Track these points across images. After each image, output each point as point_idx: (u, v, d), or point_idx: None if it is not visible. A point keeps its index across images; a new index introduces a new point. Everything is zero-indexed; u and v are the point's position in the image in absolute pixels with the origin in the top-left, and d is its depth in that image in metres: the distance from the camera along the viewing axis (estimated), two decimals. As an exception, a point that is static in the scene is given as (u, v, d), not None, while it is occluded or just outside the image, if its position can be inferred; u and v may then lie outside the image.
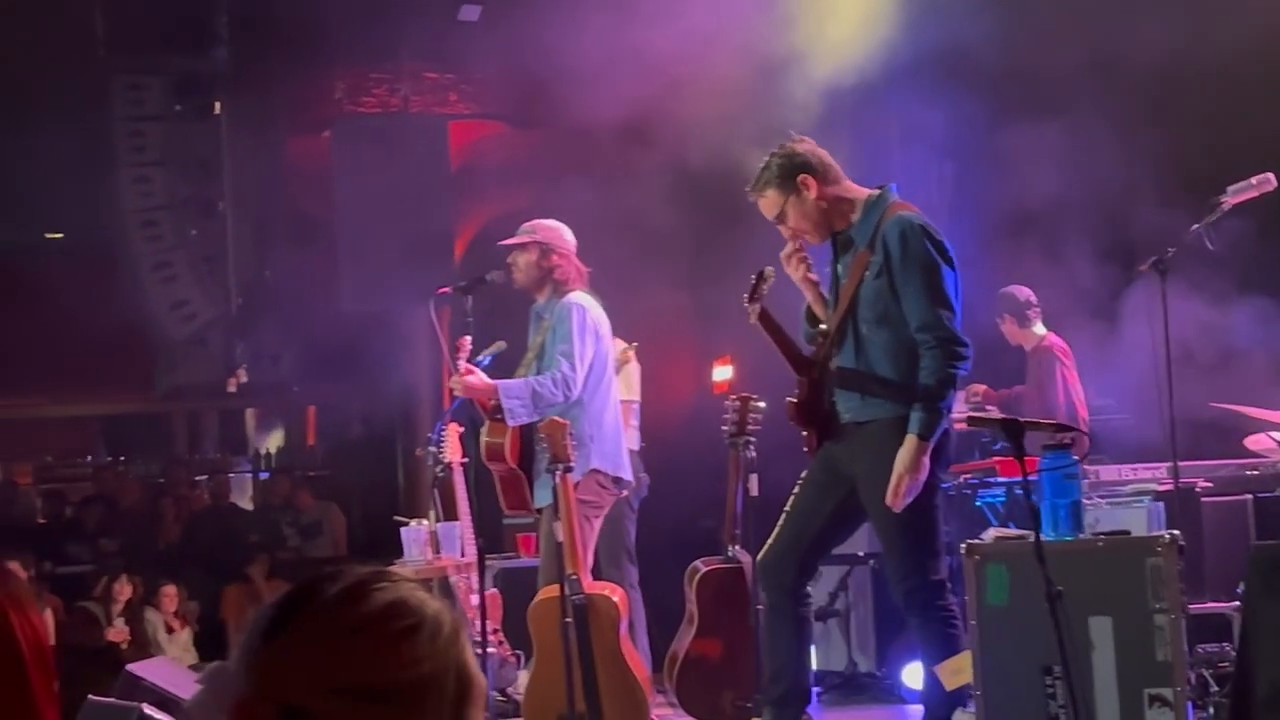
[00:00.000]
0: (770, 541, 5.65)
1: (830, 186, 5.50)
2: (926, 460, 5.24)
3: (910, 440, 5.22)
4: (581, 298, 6.89)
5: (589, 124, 9.10)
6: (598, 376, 6.86)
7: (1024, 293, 8.61)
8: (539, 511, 6.86)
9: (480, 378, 6.77)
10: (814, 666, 6.33)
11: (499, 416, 6.73)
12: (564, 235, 6.96)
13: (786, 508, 5.65)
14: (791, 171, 5.46)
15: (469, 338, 6.91)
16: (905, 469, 5.22)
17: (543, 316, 6.97)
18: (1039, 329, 8.68)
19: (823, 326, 5.55)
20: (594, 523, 6.80)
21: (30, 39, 9.87)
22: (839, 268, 5.56)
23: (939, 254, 5.33)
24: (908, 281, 5.32)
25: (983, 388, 8.58)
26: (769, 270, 5.51)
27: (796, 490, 5.65)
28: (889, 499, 5.24)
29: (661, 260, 9.68)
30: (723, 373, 11.62)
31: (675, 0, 8.86)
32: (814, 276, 5.60)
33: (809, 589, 5.75)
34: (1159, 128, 8.52)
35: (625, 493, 7.14)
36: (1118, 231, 8.62)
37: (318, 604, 1.53)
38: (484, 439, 6.84)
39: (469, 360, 6.91)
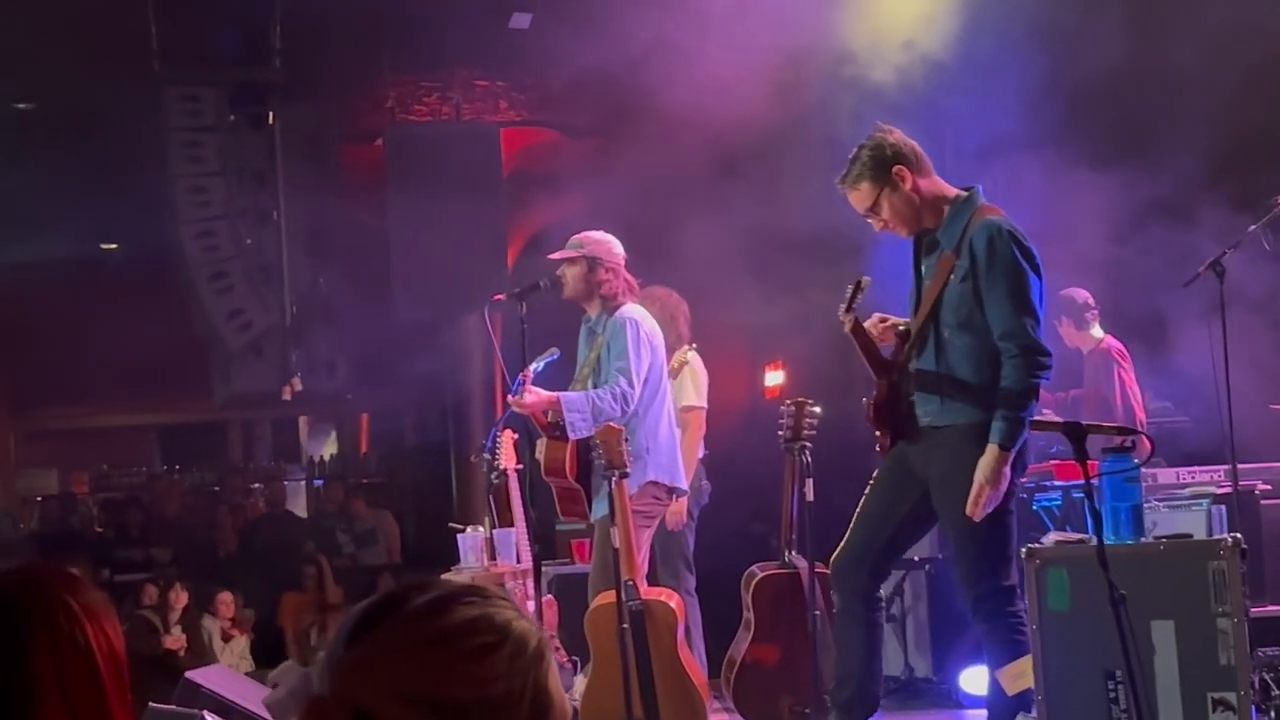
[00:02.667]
0: (843, 544, 5.60)
1: (923, 179, 5.41)
2: (1007, 470, 5.19)
3: (992, 450, 5.17)
4: (634, 310, 6.89)
5: (639, 130, 9.12)
6: (653, 389, 6.86)
7: (1081, 295, 8.57)
8: (595, 522, 6.88)
9: (540, 393, 6.79)
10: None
11: (557, 434, 6.75)
12: (613, 248, 6.95)
13: (858, 509, 5.60)
14: (886, 163, 5.37)
15: (533, 368, 6.95)
16: (986, 479, 5.16)
17: (596, 331, 6.97)
18: (1096, 331, 8.64)
19: (901, 328, 5.50)
20: (646, 533, 6.82)
21: (86, 52, 9.95)
22: (922, 268, 5.50)
23: (1026, 261, 5.25)
24: (993, 288, 5.25)
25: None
26: (865, 280, 5.42)
27: (868, 492, 5.60)
28: (969, 509, 5.18)
29: (712, 266, 9.67)
30: (774, 377, 11.62)
31: (727, 6, 8.87)
32: (888, 341, 5.54)
33: (881, 600, 5.72)
34: (1218, 127, 8.48)
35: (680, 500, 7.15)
36: (1176, 233, 8.57)
37: (402, 613, 1.55)
38: (543, 454, 6.85)
39: (524, 366, 6.94)
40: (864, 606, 5.57)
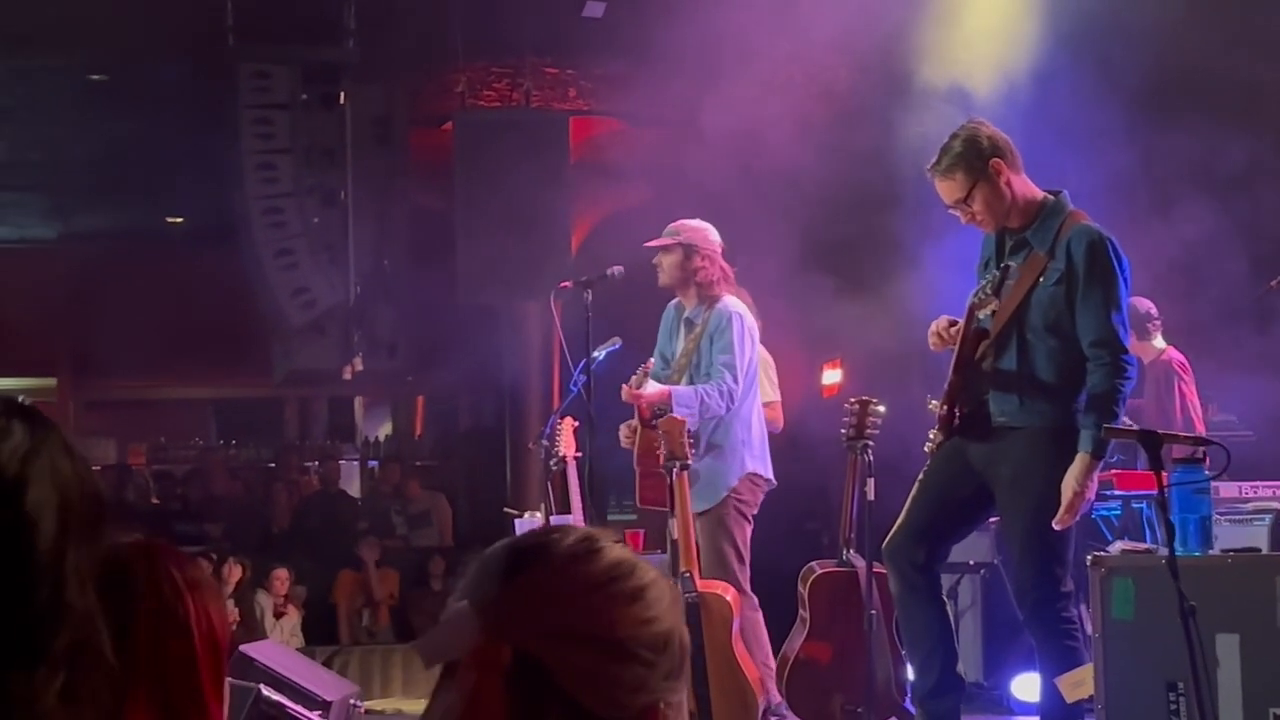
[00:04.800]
0: (898, 525, 5.57)
1: (1016, 176, 5.38)
2: (1096, 478, 5.20)
3: (1083, 458, 5.14)
4: (737, 304, 6.92)
5: (706, 123, 9.10)
6: (749, 382, 6.91)
7: (1144, 305, 8.51)
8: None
9: (653, 386, 6.81)
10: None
11: (653, 425, 6.76)
12: (710, 236, 6.95)
13: (912, 495, 5.57)
14: (984, 154, 5.32)
15: (654, 358, 6.97)
16: (1079, 488, 5.14)
17: (694, 321, 6.98)
18: (1159, 342, 8.58)
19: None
20: (749, 526, 6.87)
21: (160, 25, 10.02)
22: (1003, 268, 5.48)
23: (1121, 270, 5.26)
24: (1090, 294, 5.23)
25: None
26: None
27: (922, 479, 5.56)
28: (1059, 517, 5.16)
29: (771, 261, 9.66)
30: (832, 375, 11.60)
31: (797, 2, 8.85)
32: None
33: (940, 578, 5.69)
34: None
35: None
36: (1246, 247, 8.50)
37: (554, 555, 1.53)
38: (639, 444, 6.87)
39: (585, 354, 6.97)
40: (926, 579, 5.54)
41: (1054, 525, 5.17)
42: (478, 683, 1.46)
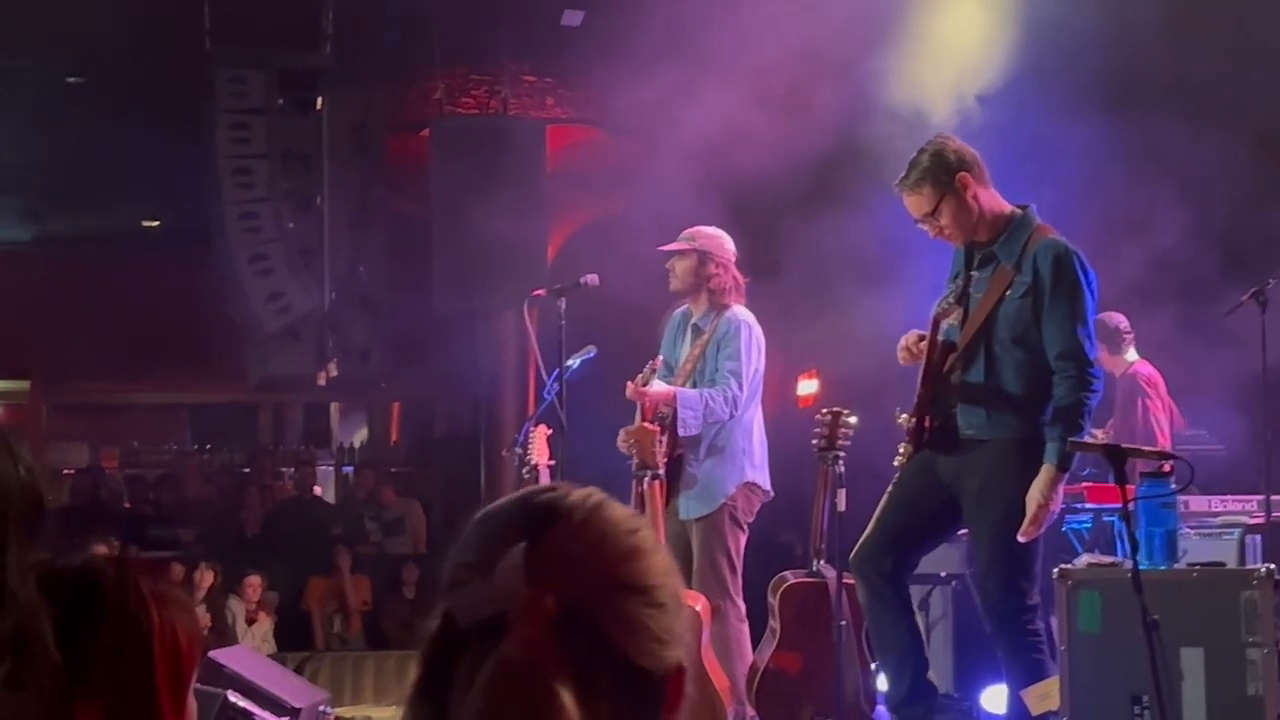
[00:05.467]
0: (866, 535, 5.61)
1: (983, 189, 5.42)
2: (1061, 491, 5.22)
3: (1047, 470, 5.17)
4: (747, 314, 6.94)
5: (684, 133, 9.11)
6: (752, 391, 6.91)
7: (1115, 319, 8.55)
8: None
9: (659, 385, 6.82)
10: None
11: (659, 425, 6.77)
12: (725, 244, 6.98)
13: (881, 506, 5.60)
14: (950, 169, 5.36)
15: (661, 358, 6.97)
16: (1044, 500, 5.17)
17: (701, 328, 6.99)
18: (1130, 355, 8.61)
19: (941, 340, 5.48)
20: (744, 536, 6.88)
21: (138, 29, 10.00)
22: (970, 282, 5.49)
23: (1088, 283, 5.29)
24: (1056, 307, 5.26)
25: None
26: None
27: (891, 490, 5.60)
28: (1024, 529, 5.19)
29: (748, 273, 9.67)
30: (808, 386, 11.62)
31: (776, 13, 8.87)
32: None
33: (908, 587, 5.71)
34: (1268, 149, 8.45)
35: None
36: (1219, 260, 8.54)
37: (571, 508, 1.49)
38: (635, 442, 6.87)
39: (559, 364, 6.97)
40: (893, 587, 5.56)
41: (1019, 538, 5.19)
42: (530, 638, 1.40)
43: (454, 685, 1.44)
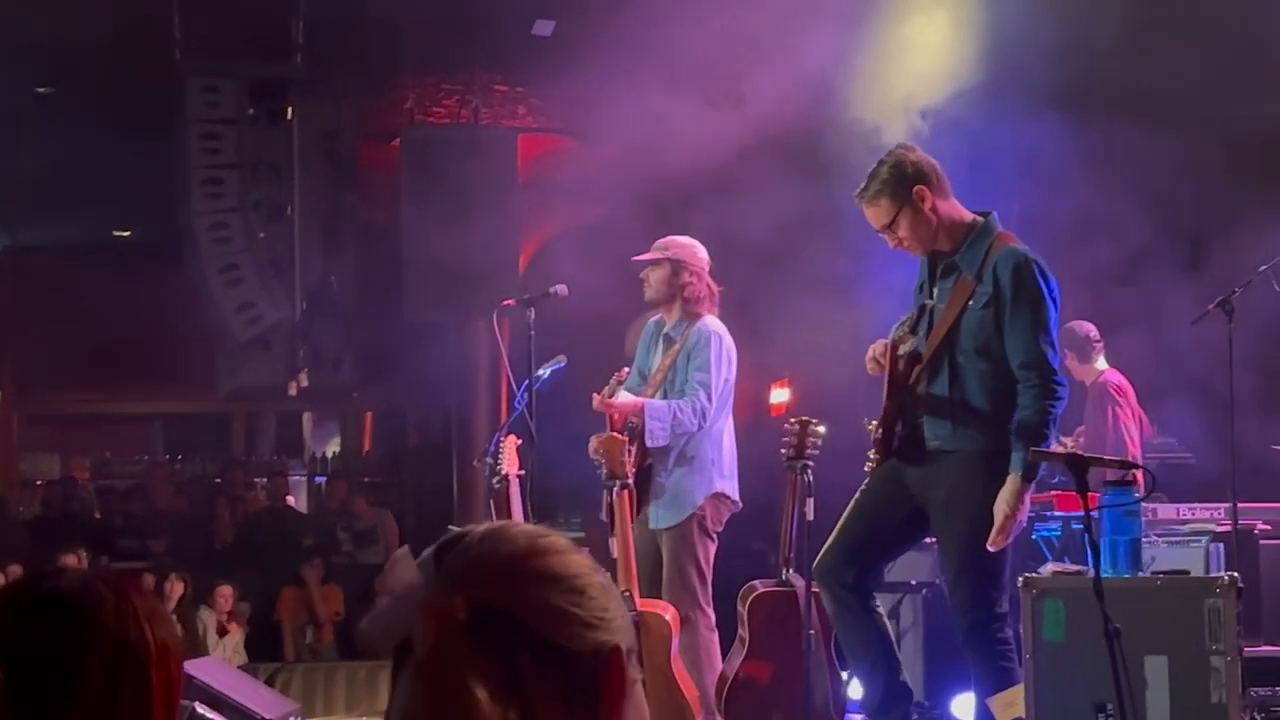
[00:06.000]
0: (829, 544, 5.61)
1: (942, 200, 5.41)
2: (1028, 500, 5.23)
3: (1013, 481, 5.17)
4: (718, 324, 6.91)
5: (653, 142, 9.13)
6: (722, 402, 6.89)
7: (1084, 327, 8.57)
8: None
9: (626, 396, 6.81)
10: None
11: (626, 435, 6.76)
12: (698, 253, 6.97)
13: (845, 514, 5.61)
14: (907, 181, 5.36)
15: (627, 370, 6.97)
16: (1010, 510, 5.17)
17: (672, 338, 6.98)
18: (1100, 364, 8.64)
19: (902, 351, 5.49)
20: (713, 546, 6.87)
21: (108, 39, 9.98)
22: (934, 292, 5.50)
23: (1049, 291, 5.28)
24: (1017, 317, 5.25)
25: None
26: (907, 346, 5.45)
27: (856, 499, 5.60)
28: (992, 540, 5.19)
29: (721, 280, 9.69)
30: (780, 395, 11.63)
31: (749, 25, 8.89)
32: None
33: (874, 595, 5.71)
34: (1231, 159, 8.49)
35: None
36: (1187, 270, 8.58)
37: (477, 532, 1.54)
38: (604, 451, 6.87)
39: (528, 375, 6.96)
40: (858, 597, 5.56)
41: (989, 547, 5.20)
42: (438, 641, 1.44)
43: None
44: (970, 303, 5.32)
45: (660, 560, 6.85)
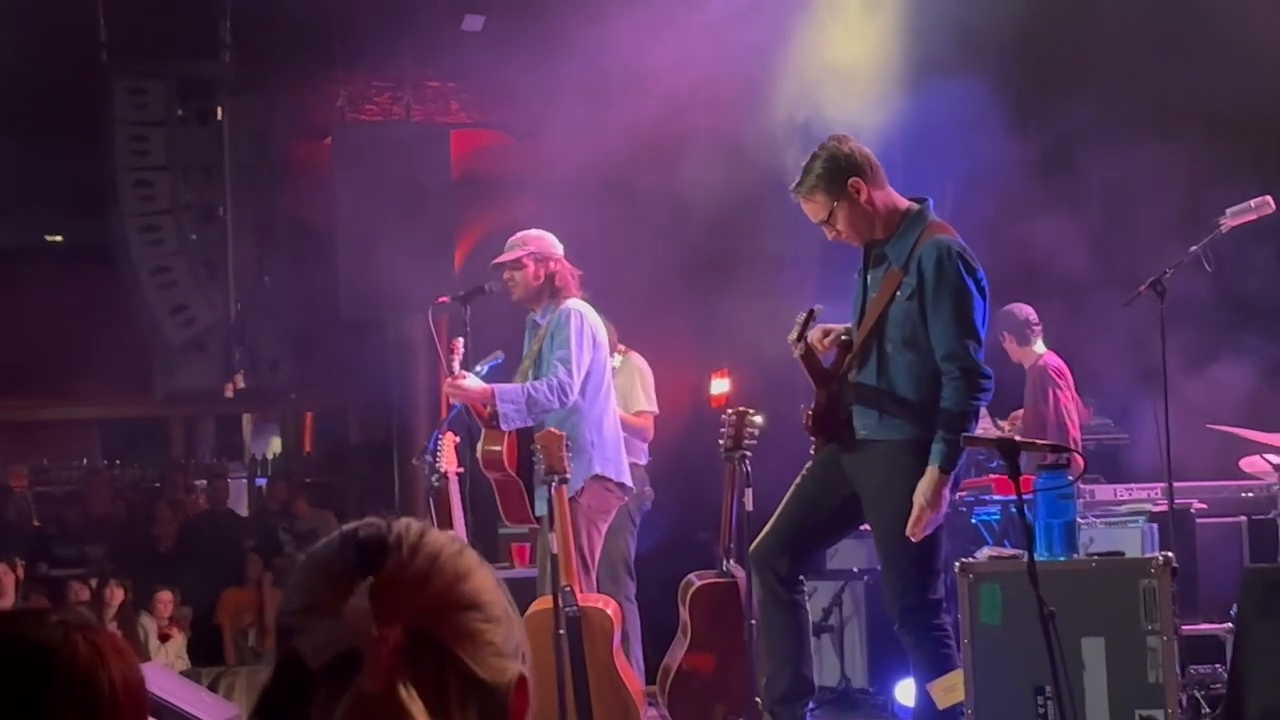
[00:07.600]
0: (766, 531, 5.61)
1: (878, 191, 5.38)
2: (947, 492, 5.22)
3: (932, 472, 5.17)
4: (579, 304, 6.86)
5: (589, 136, 9.11)
6: (596, 383, 6.84)
7: (1024, 311, 8.60)
8: (539, 520, 6.85)
9: (475, 382, 6.76)
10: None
11: (495, 424, 6.72)
12: (553, 242, 6.95)
13: (785, 500, 5.61)
14: (841, 174, 5.33)
15: (461, 340, 6.91)
16: (928, 501, 5.17)
17: (539, 324, 6.95)
18: (1039, 347, 8.67)
19: (845, 338, 5.48)
20: (601, 528, 6.80)
21: (33, 42, 9.87)
22: (868, 280, 5.49)
23: (973, 282, 5.25)
24: (938, 308, 5.24)
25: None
26: (818, 309, 5.42)
27: (796, 484, 5.61)
28: (910, 529, 5.20)
29: (659, 272, 9.68)
30: (720, 385, 11.63)
31: (679, 17, 8.88)
32: (829, 350, 5.54)
33: (803, 583, 5.71)
34: (1163, 147, 8.55)
35: (626, 501, 7.13)
36: (1117, 253, 8.63)
37: (399, 540, 1.55)
38: (481, 447, 6.83)
39: (467, 369, 6.91)
40: (786, 589, 5.56)
41: (909, 536, 5.21)
42: (385, 670, 1.46)
43: None
44: (897, 294, 5.32)
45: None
